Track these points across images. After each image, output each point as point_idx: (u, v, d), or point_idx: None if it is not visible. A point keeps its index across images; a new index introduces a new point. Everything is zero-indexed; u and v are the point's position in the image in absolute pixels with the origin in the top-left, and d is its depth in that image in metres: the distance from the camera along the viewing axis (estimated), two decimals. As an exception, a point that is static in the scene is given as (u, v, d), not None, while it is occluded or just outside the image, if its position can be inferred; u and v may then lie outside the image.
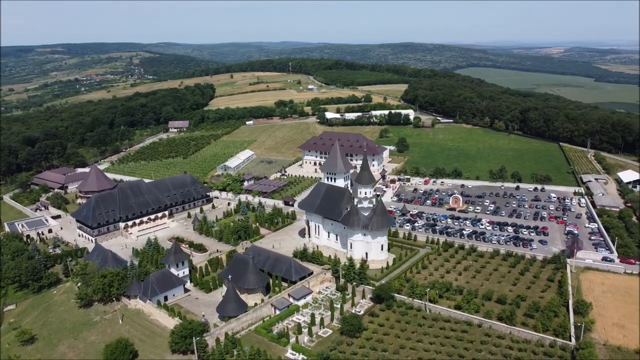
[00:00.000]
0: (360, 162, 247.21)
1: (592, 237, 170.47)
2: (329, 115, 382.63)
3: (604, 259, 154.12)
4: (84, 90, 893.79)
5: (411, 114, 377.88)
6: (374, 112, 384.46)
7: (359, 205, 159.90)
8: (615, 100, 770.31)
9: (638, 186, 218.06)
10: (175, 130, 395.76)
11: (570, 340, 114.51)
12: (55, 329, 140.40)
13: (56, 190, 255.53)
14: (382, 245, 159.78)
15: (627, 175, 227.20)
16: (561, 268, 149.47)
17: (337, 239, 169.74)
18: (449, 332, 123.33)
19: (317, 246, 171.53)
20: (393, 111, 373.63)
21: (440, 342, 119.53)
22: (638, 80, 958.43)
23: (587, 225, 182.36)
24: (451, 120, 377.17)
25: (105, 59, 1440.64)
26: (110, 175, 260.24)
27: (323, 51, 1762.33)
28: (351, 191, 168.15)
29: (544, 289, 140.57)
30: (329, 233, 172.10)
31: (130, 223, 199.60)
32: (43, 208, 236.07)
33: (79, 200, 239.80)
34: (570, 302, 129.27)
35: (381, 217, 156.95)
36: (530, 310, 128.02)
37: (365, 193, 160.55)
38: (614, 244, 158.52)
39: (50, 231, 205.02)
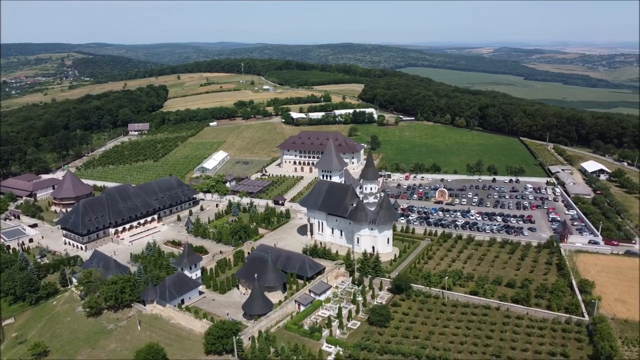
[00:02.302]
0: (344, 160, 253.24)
1: (575, 223, 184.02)
2: (295, 115, 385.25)
3: (590, 242, 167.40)
4: (15, 93, 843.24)
5: (374, 112, 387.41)
6: (337, 112, 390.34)
7: (364, 201, 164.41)
8: (545, 97, 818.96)
9: (601, 175, 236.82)
10: (136, 133, 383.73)
11: (583, 317, 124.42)
12: (67, 340, 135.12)
13: (25, 198, 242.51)
14: (388, 239, 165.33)
15: (590, 166, 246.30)
16: (556, 252, 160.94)
17: (341, 235, 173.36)
18: (471, 316, 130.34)
19: (321, 243, 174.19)
20: (357, 110, 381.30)
21: (465, 326, 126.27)
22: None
23: (566, 212, 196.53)
24: (413, 118, 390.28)
25: (33, 60, 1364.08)
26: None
27: (263, 52, 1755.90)
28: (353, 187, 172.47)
29: (545, 272, 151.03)
30: (332, 229, 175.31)
31: (120, 228, 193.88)
32: (12, 217, 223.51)
33: (53, 208, 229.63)
34: (574, 282, 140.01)
35: (387, 211, 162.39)
36: (539, 291, 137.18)
37: (371, 188, 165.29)
38: (597, 229, 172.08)
39: (31, 240, 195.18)
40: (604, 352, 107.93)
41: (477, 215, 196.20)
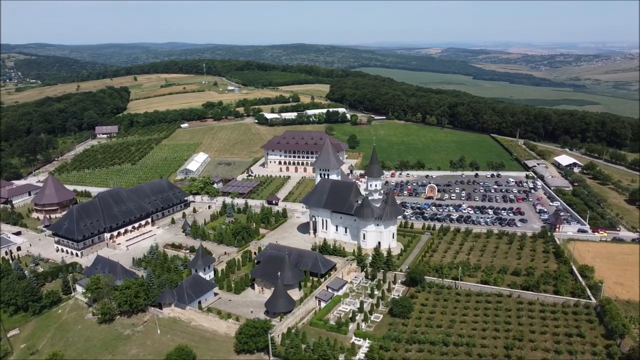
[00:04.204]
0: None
1: (561, 214, 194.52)
2: (269, 115, 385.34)
3: (579, 230, 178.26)
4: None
5: (346, 112, 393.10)
6: (309, 112, 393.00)
7: (370, 198, 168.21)
8: (495, 95, 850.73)
9: (575, 168, 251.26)
10: (105, 136, 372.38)
11: (590, 299, 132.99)
12: (82, 348, 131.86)
13: (1, 205, 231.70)
14: (393, 234, 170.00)
15: (563, 160, 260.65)
16: (550, 241, 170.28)
17: (346, 232, 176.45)
18: (486, 304, 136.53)
19: (325, 240, 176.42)
20: (331, 110, 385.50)
21: (483, 313, 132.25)
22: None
23: (550, 204, 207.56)
24: (384, 117, 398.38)
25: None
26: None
27: (215, 52, 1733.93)
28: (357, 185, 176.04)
29: (545, 259, 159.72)
30: (337, 227, 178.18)
31: (115, 233, 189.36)
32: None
33: (35, 214, 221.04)
34: (574, 268, 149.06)
35: (393, 207, 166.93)
36: (544, 278, 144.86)
37: (376, 185, 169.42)
38: (585, 219, 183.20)
39: (19, 249, 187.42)
40: (617, 331, 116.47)
41: (469, 209, 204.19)
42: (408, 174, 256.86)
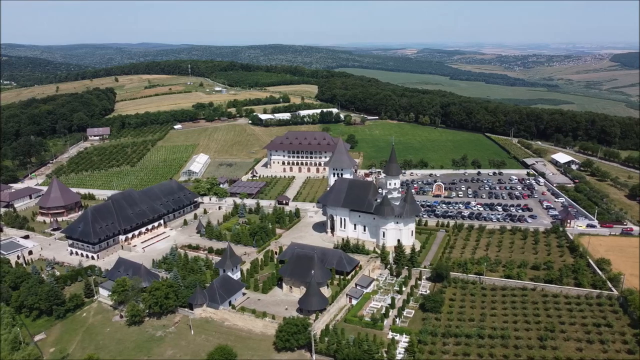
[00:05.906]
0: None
1: (569, 210, 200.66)
2: (263, 116, 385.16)
3: (589, 225, 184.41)
4: None
5: (340, 112, 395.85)
6: (302, 112, 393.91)
7: (389, 196, 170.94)
8: (472, 95, 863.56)
9: (572, 165, 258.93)
10: (97, 137, 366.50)
11: (612, 291, 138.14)
12: (115, 350, 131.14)
13: (3, 209, 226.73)
14: (412, 232, 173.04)
15: (560, 157, 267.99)
16: (563, 236, 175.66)
17: (364, 230, 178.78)
18: (512, 297, 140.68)
19: (343, 239, 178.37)
20: (325, 110, 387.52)
21: (511, 306, 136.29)
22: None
23: (555, 200, 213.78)
24: (377, 117, 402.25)
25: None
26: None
27: (191, 53, 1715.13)
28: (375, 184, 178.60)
29: (560, 254, 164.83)
30: (355, 225, 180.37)
31: (130, 235, 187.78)
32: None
33: (41, 218, 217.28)
34: (591, 261, 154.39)
35: (412, 205, 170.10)
36: (564, 271, 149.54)
37: (395, 184, 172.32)
38: (592, 214, 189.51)
39: (30, 253, 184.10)
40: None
41: (478, 206, 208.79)
42: (412, 173, 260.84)
